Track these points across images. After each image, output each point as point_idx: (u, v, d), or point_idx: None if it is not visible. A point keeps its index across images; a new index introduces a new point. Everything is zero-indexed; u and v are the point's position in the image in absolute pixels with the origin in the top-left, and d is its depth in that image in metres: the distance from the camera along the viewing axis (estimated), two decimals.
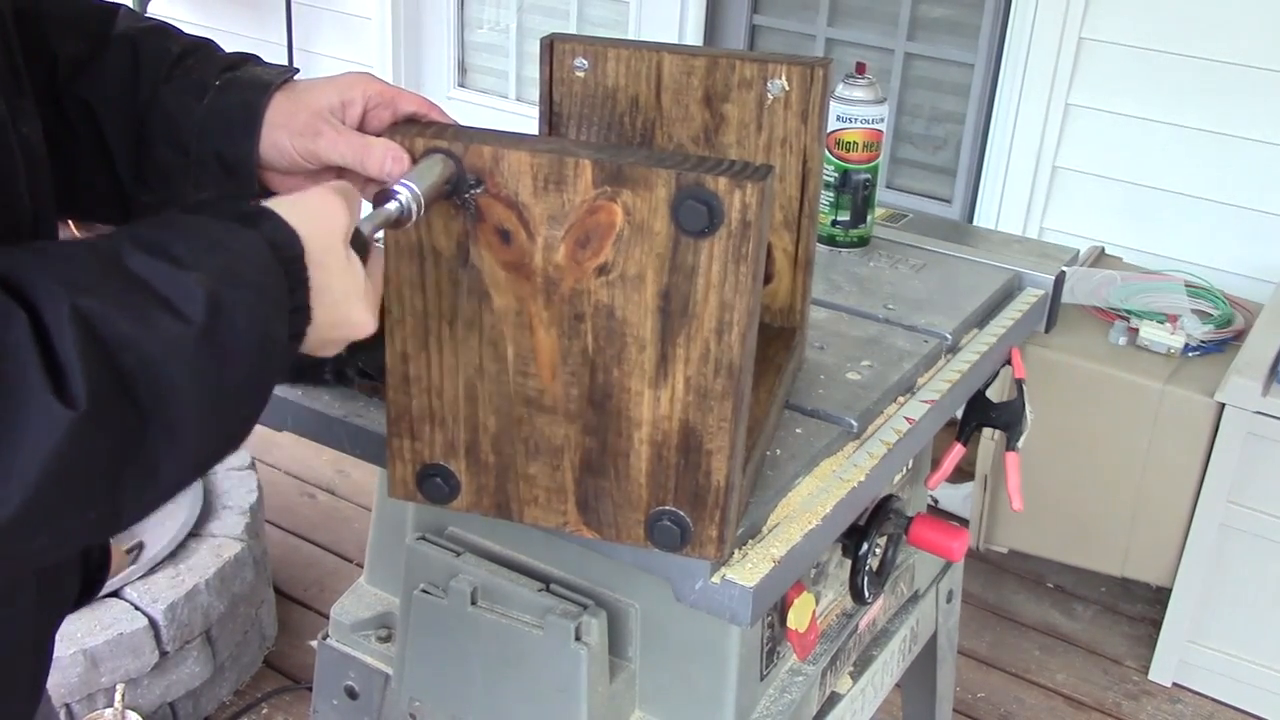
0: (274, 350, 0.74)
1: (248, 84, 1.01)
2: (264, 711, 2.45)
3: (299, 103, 1.00)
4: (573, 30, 3.98)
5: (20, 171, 0.84)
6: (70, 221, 1.08)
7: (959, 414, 1.50)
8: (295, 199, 0.81)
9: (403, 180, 0.86)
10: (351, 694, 1.41)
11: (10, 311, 0.63)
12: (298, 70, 1.05)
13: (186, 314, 0.68)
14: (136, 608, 2.20)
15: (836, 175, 1.59)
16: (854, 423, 1.21)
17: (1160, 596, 2.75)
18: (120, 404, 0.65)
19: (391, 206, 0.85)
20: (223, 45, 1.10)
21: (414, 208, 0.85)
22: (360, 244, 0.82)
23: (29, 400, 0.62)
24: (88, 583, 1.02)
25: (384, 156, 0.92)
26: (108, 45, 1.02)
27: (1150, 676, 2.67)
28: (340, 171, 1.01)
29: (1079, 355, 2.60)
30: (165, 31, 1.05)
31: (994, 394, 1.56)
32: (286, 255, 0.76)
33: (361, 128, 1.01)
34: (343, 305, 0.81)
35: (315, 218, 0.79)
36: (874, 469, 1.18)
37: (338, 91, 1.00)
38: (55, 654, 1.00)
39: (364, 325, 0.83)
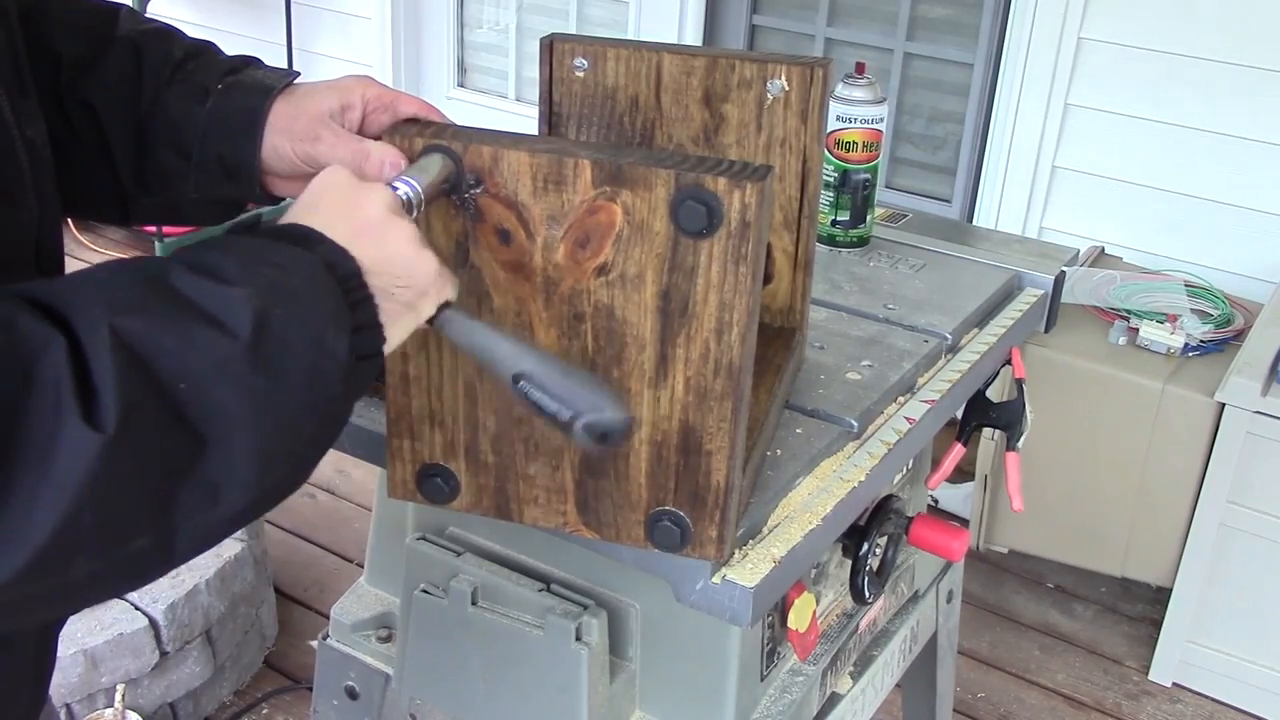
0: (333, 368, 0.72)
1: (249, 88, 1.01)
2: (264, 711, 2.45)
3: (299, 107, 1.00)
4: (572, 30, 3.98)
5: (26, 174, 0.84)
6: (69, 220, 1.08)
7: (959, 414, 1.50)
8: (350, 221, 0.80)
9: (402, 176, 0.86)
10: (352, 694, 1.41)
11: (49, 338, 0.62)
12: (299, 74, 1.05)
13: (232, 328, 0.67)
14: (136, 608, 2.20)
15: (836, 175, 1.59)
16: (854, 423, 1.21)
17: (1160, 596, 2.75)
18: (165, 423, 0.64)
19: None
20: (223, 45, 1.10)
21: (413, 203, 0.85)
22: None
23: (61, 427, 0.61)
24: None
25: (382, 160, 0.92)
26: (110, 47, 1.02)
27: (1150, 676, 2.67)
28: None
29: (1079, 355, 2.60)
30: (168, 34, 1.05)
31: (994, 394, 1.55)
32: (343, 273, 0.75)
33: (361, 131, 1.01)
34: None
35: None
36: (874, 469, 1.18)
37: (337, 95, 1.00)
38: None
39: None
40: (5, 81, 0.84)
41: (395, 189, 0.84)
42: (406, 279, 0.80)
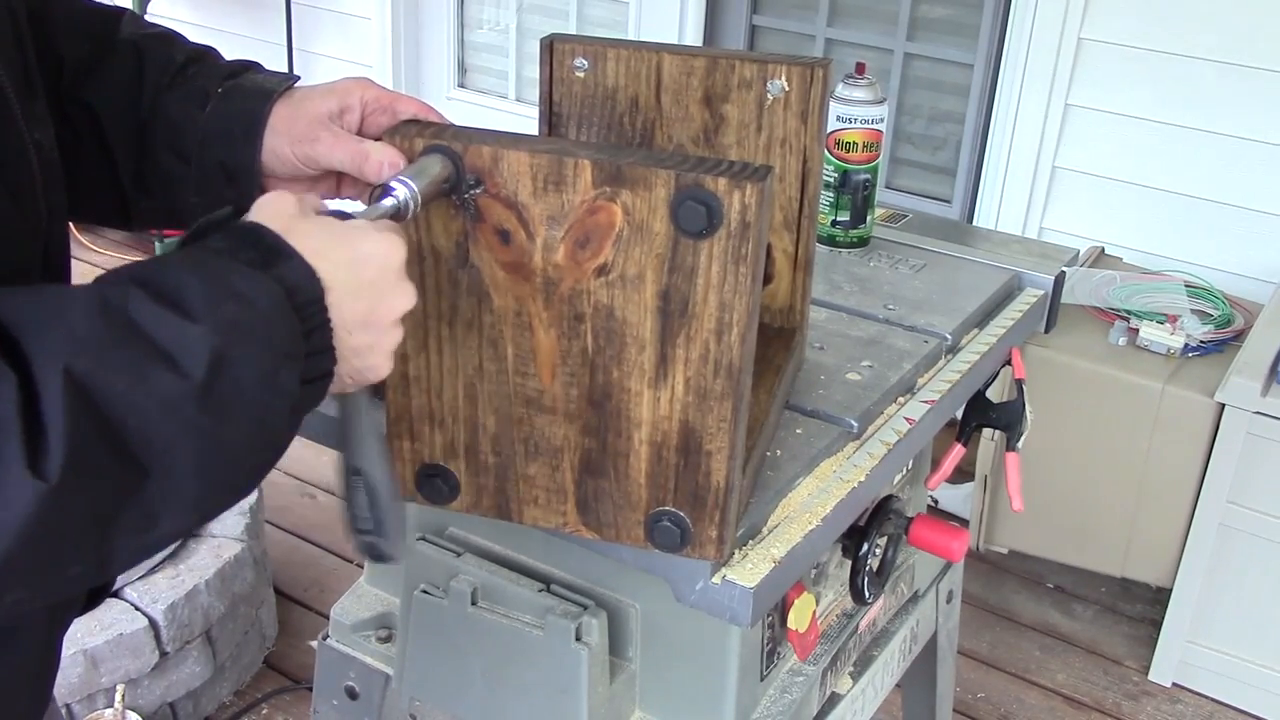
0: (283, 405, 0.72)
1: (249, 92, 1.01)
2: (264, 711, 2.45)
3: (298, 110, 1.00)
4: (572, 30, 3.98)
5: (36, 177, 0.84)
6: (70, 224, 1.09)
7: (959, 414, 1.50)
8: (339, 234, 0.78)
9: (399, 177, 0.86)
10: (352, 694, 1.41)
11: (1, 375, 0.62)
12: (298, 78, 1.05)
13: (186, 369, 0.66)
14: (136, 608, 2.20)
15: (836, 175, 1.59)
16: (854, 423, 1.21)
17: (1160, 596, 2.75)
18: (111, 462, 0.64)
19: (388, 202, 0.84)
20: (223, 45, 1.10)
21: (411, 204, 0.85)
22: None
23: (5, 474, 0.61)
24: (96, 588, 1.02)
25: (381, 161, 0.92)
26: (113, 50, 1.02)
27: (1150, 677, 2.67)
28: (340, 177, 1.01)
29: (1079, 355, 2.60)
30: (169, 38, 1.05)
31: (994, 394, 1.55)
32: (303, 299, 0.74)
33: (361, 132, 1.01)
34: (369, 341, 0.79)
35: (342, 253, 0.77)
36: (874, 469, 1.18)
37: (336, 98, 1.01)
38: None
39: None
40: (15, 85, 0.84)
41: (392, 190, 0.84)
42: (370, 312, 0.79)
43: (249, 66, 1.05)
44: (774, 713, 1.26)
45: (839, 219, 1.61)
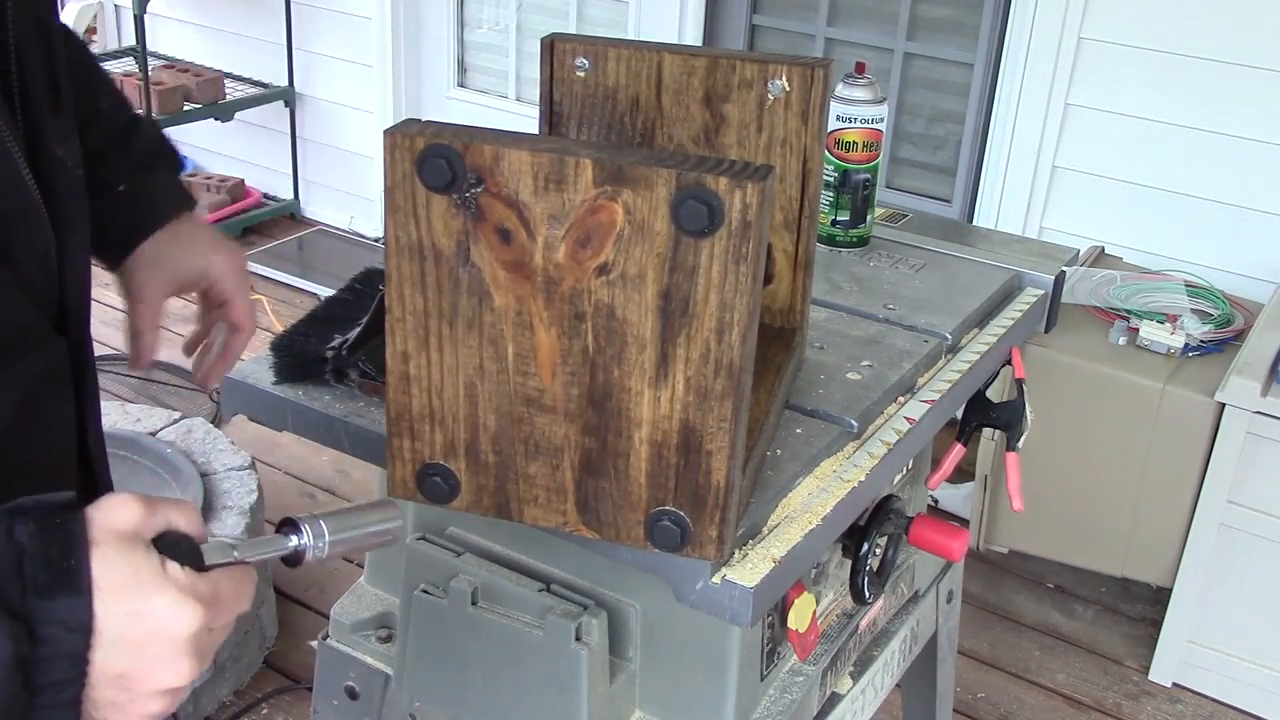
0: None
1: (142, 204, 1.16)
2: (264, 711, 2.45)
3: (162, 255, 1.16)
4: (572, 30, 3.98)
5: (39, 207, 0.84)
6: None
7: (959, 414, 1.50)
8: (143, 580, 0.69)
9: (316, 518, 0.80)
10: (352, 694, 1.41)
11: None
12: (195, 203, 1.22)
13: None
14: None
15: (836, 175, 1.59)
16: (854, 423, 1.21)
17: (1160, 596, 2.75)
18: None
19: (289, 542, 0.79)
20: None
21: (312, 550, 0.79)
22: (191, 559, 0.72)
23: None
24: None
25: (139, 354, 1.11)
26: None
27: (1150, 676, 2.67)
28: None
29: (1079, 355, 2.60)
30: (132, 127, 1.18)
31: (994, 394, 1.55)
32: (50, 652, 0.66)
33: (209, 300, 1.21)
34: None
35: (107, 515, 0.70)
36: (874, 469, 1.18)
37: (198, 273, 1.19)
38: None
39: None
40: (38, 102, 0.85)
41: (296, 530, 0.79)
42: (126, 674, 0.69)
43: (167, 157, 1.21)
44: (774, 713, 1.26)
45: (839, 219, 1.61)
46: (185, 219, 1.19)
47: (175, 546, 0.71)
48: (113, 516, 0.70)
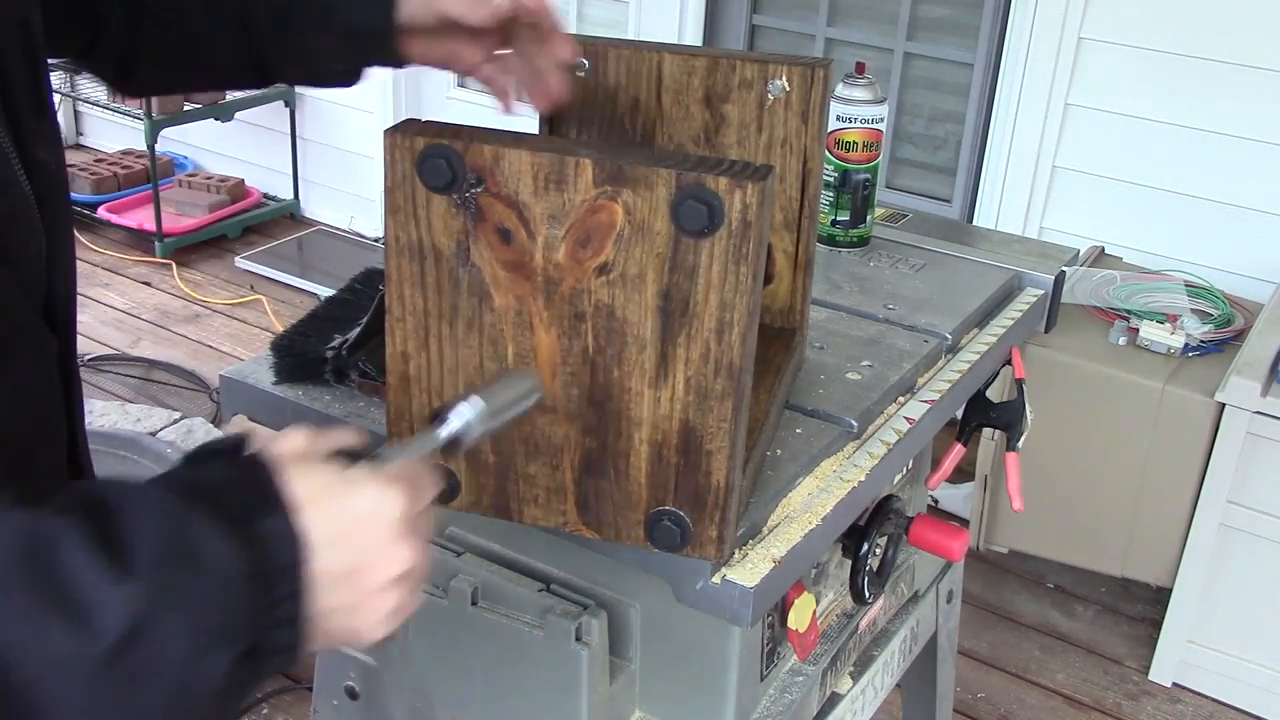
0: (203, 684, 0.65)
1: None
2: (264, 711, 2.45)
3: None
4: (572, 30, 3.97)
5: (31, 208, 0.84)
6: (194, 88, 1.27)
7: (959, 414, 1.50)
8: (335, 484, 0.72)
9: (469, 396, 0.84)
10: (351, 694, 1.41)
11: None
12: None
13: (97, 629, 0.61)
14: None
15: (836, 175, 1.59)
16: (854, 423, 1.21)
17: (1160, 596, 2.75)
18: None
19: (441, 432, 0.81)
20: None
21: (470, 431, 0.82)
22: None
23: None
24: None
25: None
26: None
27: (1150, 676, 2.67)
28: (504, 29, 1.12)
29: (1079, 355, 2.60)
30: None
31: (994, 394, 1.56)
32: (275, 565, 0.67)
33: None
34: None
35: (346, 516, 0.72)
36: (874, 469, 1.18)
37: None
38: None
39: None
40: (23, 103, 0.85)
41: (449, 414, 0.82)
42: (353, 572, 0.72)
43: None
44: (774, 713, 1.26)
45: (839, 219, 1.61)
46: None
47: (351, 456, 0.75)
48: (287, 445, 0.74)
